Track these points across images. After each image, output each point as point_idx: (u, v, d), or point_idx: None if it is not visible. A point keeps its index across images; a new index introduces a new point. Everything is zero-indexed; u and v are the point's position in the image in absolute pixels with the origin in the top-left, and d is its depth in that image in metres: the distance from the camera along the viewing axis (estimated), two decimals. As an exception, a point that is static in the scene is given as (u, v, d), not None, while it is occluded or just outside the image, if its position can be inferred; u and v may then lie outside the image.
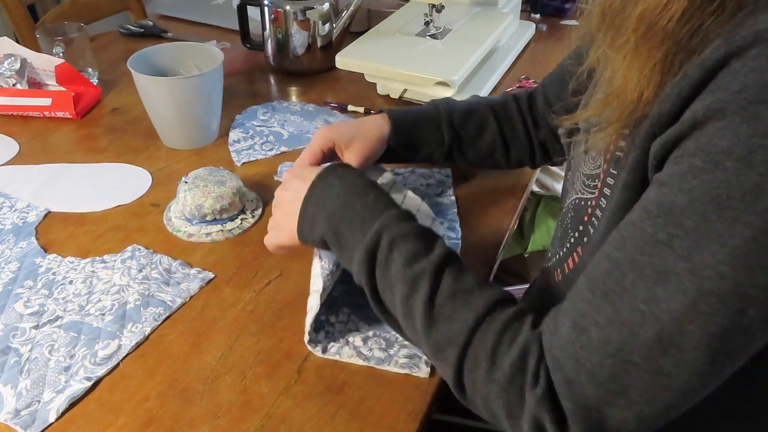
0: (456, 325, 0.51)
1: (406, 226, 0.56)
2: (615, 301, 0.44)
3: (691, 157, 0.41)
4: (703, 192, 0.40)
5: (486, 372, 0.49)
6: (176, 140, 1.00)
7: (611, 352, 0.43)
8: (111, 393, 0.63)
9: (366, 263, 0.57)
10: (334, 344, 0.67)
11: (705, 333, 0.40)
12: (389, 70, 1.08)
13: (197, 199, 0.81)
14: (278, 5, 1.17)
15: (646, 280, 0.42)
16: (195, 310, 0.72)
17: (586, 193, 0.58)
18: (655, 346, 0.42)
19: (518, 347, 0.48)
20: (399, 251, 0.55)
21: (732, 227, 0.39)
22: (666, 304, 0.41)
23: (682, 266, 0.41)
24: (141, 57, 0.97)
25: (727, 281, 0.39)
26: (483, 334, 0.50)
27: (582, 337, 0.45)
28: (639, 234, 0.44)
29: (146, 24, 1.41)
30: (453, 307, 0.52)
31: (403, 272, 0.54)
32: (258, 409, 0.61)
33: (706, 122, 0.41)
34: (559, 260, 0.62)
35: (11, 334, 0.68)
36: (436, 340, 0.52)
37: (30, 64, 1.09)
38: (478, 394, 0.50)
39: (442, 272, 0.54)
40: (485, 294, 0.52)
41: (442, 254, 0.55)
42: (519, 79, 1.22)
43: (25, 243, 0.80)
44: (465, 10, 1.26)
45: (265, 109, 1.12)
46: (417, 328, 0.54)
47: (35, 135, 1.04)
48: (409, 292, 0.54)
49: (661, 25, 0.44)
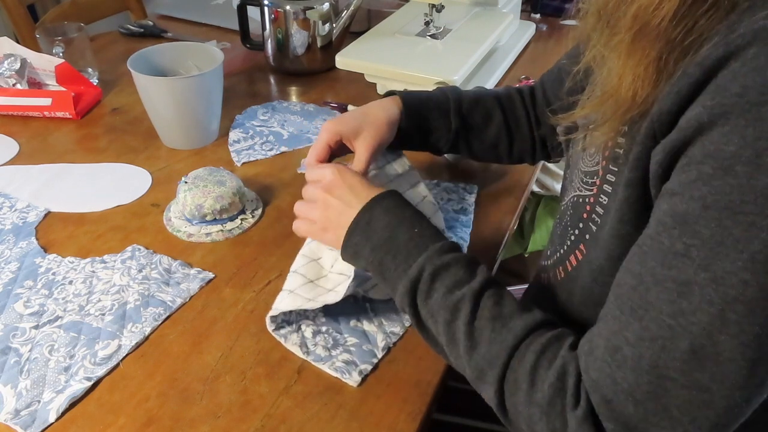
0: (495, 347, 0.52)
1: (448, 257, 0.57)
2: (642, 317, 0.43)
3: (699, 165, 0.41)
4: (715, 199, 0.40)
5: (526, 394, 0.49)
6: (176, 140, 1.00)
7: (646, 369, 0.43)
8: (111, 393, 0.63)
9: (409, 294, 0.58)
10: (287, 327, 0.68)
11: (738, 342, 0.40)
12: (389, 70, 1.08)
13: (197, 199, 0.81)
14: (278, 5, 1.17)
15: (669, 293, 0.42)
16: (195, 310, 0.72)
17: (584, 190, 0.58)
18: (690, 360, 0.41)
19: (556, 368, 0.48)
20: (441, 281, 0.56)
21: (749, 232, 0.39)
22: (693, 317, 0.41)
23: (703, 276, 0.40)
24: (141, 57, 0.97)
25: (751, 287, 0.39)
26: (522, 356, 0.50)
27: (616, 356, 0.44)
28: (657, 247, 0.43)
29: (146, 24, 1.41)
30: (493, 329, 0.52)
31: (444, 300, 0.55)
32: (258, 409, 0.61)
33: (711, 127, 0.40)
34: (560, 258, 0.62)
35: (11, 334, 0.68)
36: (477, 363, 0.53)
37: (30, 64, 1.09)
38: (521, 417, 0.50)
39: (482, 296, 0.54)
40: (525, 317, 0.53)
41: (482, 281, 0.55)
42: (519, 79, 1.22)
43: (25, 243, 0.80)
44: (465, 10, 1.26)
45: (265, 109, 1.12)
46: (460, 352, 0.54)
47: (35, 135, 1.04)
48: (451, 318, 0.54)
49: (654, 24, 0.44)
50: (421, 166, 0.98)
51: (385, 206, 0.63)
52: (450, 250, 0.58)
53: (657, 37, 0.44)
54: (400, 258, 0.59)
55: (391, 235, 0.60)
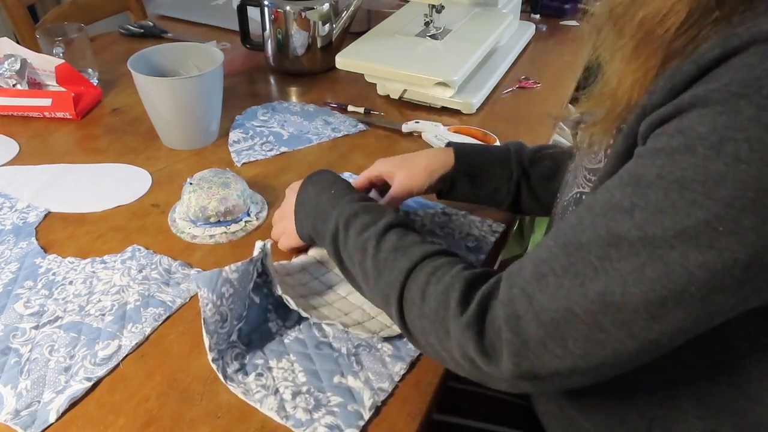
0: (395, 272, 0.58)
1: (356, 206, 0.65)
2: (572, 253, 0.47)
3: (669, 137, 0.43)
4: (670, 170, 0.43)
5: (418, 308, 0.55)
6: (176, 141, 1.00)
7: (559, 299, 0.46)
8: (111, 393, 0.63)
9: (332, 246, 0.65)
10: (262, 391, 0.62)
11: (646, 298, 0.43)
12: (389, 71, 1.08)
13: (201, 201, 0.81)
14: (278, 5, 1.17)
15: (600, 240, 0.45)
16: (195, 311, 0.72)
17: (586, 187, 0.59)
18: (598, 301, 0.45)
19: (443, 284, 0.54)
20: (353, 227, 0.63)
21: (689, 208, 0.41)
22: (618, 263, 0.44)
23: (636, 234, 0.43)
24: (141, 57, 0.97)
25: (675, 252, 0.42)
26: (416, 277, 0.56)
27: (541, 282, 0.48)
28: (608, 198, 0.46)
29: (146, 24, 1.41)
30: (394, 258, 0.59)
31: (355, 242, 0.62)
32: (258, 409, 0.61)
33: (691, 108, 0.43)
34: None
35: (11, 335, 0.68)
36: (382, 289, 0.59)
37: (30, 64, 1.09)
38: (416, 330, 0.56)
39: (386, 234, 0.61)
40: (424, 246, 0.59)
41: (386, 222, 0.62)
42: (519, 80, 1.22)
43: (25, 243, 0.80)
44: (465, 10, 1.26)
45: (265, 109, 1.12)
46: (371, 285, 0.60)
47: (35, 135, 1.04)
48: (362, 258, 0.61)
49: (658, 33, 0.46)
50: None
51: (313, 180, 0.72)
52: (359, 200, 0.66)
53: (660, 46, 0.46)
54: (322, 218, 0.67)
55: (316, 202, 0.69)
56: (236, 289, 0.63)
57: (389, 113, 1.11)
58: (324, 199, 0.68)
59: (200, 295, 0.62)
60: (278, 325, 0.69)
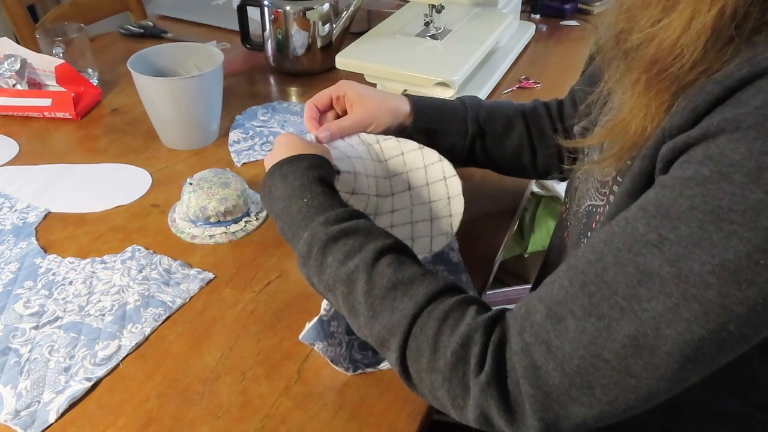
0: (396, 315, 0.51)
1: (334, 229, 0.56)
2: (594, 294, 0.43)
3: (698, 165, 0.41)
4: (704, 200, 0.40)
5: (429, 361, 0.49)
6: (176, 141, 1.00)
7: (584, 344, 0.43)
8: (111, 394, 0.63)
9: (303, 267, 0.58)
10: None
11: (681, 339, 0.40)
12: (389, 71, 1.08)
13: (201, 201, 0.81)
14: (278, 6, 1.17)
15: (629, 278, 0.42)
16: (195, 311, 0.72)
17: (597, 199, 0.58)
18: (630, 345, 0.42)
19: (460, 335, 0.48)
20: (333, 254, 0.55)
21: (728, 240, 0.39)
22: (648, 304, 0.41)
23: (668, 270, 0.40)
24: (141, 57, 0.97)
25: (712, 291, 0.39)
26: (424, 323, 0.50)
27: (558, 326, 0.44)
28: (630, 231, 0.43)
29: (146, 24, 1.41)
30: (394, 297, 0.51)
31: (338, 273, 0.54)
32: (258, 409, 0.61)
33: (719, 133, 0.40)
34: None
35: (11, 335, 0.68)
36: (379, 333, 0.52)
37: (30, 64, 1.09)
38: (423, 383, 0.50)
39: (376, 265, 0.53)
40: (426, 283, 0.52)
41: (375, 248, 0.54)
42: (519, 80, 1.22)
43: (25, 243, 0.80)
44: (465, 10, 1.26)
45: (265, 109, 1.12)
46: (361, 324, 0.53)
47: (35, 135, 1.04)
48: (347, 291, 0.54)
49: (672, 71, 0.44)
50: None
51: (283, 173, 0.62)
52: (337, 220, 0.57)
53: (674, 81, 0.44)
54: (293, 230, 0.59)
55: (285, 205, 0.60)
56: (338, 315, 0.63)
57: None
58: (295, 209, 0.59)
59: (317, 348, 0.62)
60: None
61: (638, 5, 0.47)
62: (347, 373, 0.64)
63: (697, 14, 0.41)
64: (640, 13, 0.47)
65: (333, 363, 0.64)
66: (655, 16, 0.45)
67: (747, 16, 0.40)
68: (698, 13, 0.41)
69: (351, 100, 0.75)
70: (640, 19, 0.47)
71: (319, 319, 0.62)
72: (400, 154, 0.73)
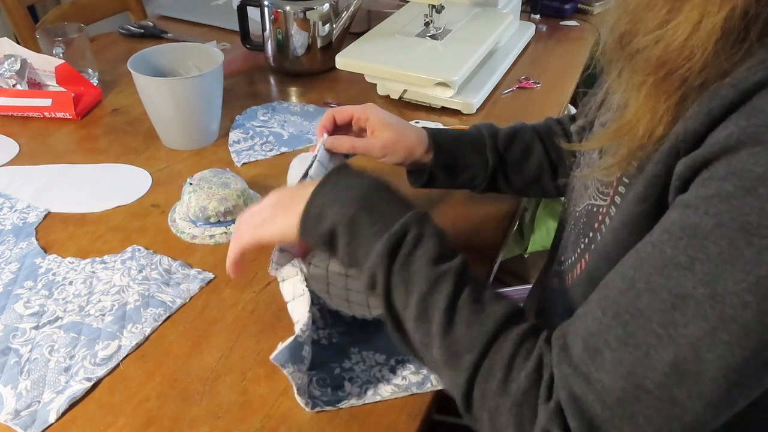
0: (475, 331, 0.49)
1: (433, 227, 0.54)
2: (628, 323, 0.42)
3: (721, 181, 0.40)
4: (732, 217, 0.39)
5: (500, 382, 0.47)
6: (176, 141, 1.00)
7: (623, 375, 0.42)
8: (111, 393, 0.63)
9: (386, 256, 0.53)
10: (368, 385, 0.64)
11: (724, 363, 0.39)
12: (389, 71, 1.08)
13: (201, 201, 0.81)
14: (278, 6, 1.17)
15: (662, 303, 0.41)
16: (195, 311, 0.72)
17: (599, 199, 0.57)
18: (671, 373, 0.40)
19: (535, 359, 0.47)
20: (425, 248, 0.52)
21: (761, 255, 0.38)
22: (685, 329, 0.40)
23: (702, 291, 0.39)
24: (141, 58, 0.97)
25: (750, 310, 0.38)
26: (501, 345, 0.49)
27: (596, 358, 0.43)
28: (658, 255, 0.42)
29: (146, 25, 1.41)
30: (474, 312, 0.50)
31: (427, 269, 0.51)
32: (258, 409, 0.61)
33: (740, 147, 0.39)
34: (570, 265, 0.61)
35: (11, 335, 0.68)
36: (452, 345, 0.50)
37: (30, 64, 1.09)
38: (485, 407, 0.49)
39: (464, 276, 0.52)
40: (503, 305, 0.51)
41: (464, 260, 0.53)
42: (519, 80, 1.22)
43: (25, 243, 0.80)
44: (465, 10, 1.26)
45: (265, 109, 1.12)
46: (432, 329, 0.51)
47: (35, 136, 1.04)
48: (430, 290, 0.51)
49: (681, 73, 0.43)
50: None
51: (354, 173, 0.59)
52: (432, 219, 0.55)
53: (683, 83, 0.43)
54: (377, 215, 0.54)
55: (366, 192, 0.56)
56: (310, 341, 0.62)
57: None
58: (383, 198, 0.56)
59: (287, 372, 0.58)
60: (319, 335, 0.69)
61: (642, 6, 0.47)
62: (306, 408, 0.61)
63: (707, 15, 0.41)
64: (645, 15, 0.46)
65: (298, 393, 0.61)
66: (660, 17, 0.44)
67: (758, 17, 0.40)
68: (707, 14, 0.41)
69: (373, 126, 0.74)
70: (646, 20, 0.46)
71: (295, 339, 0.58)
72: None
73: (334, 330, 0.69)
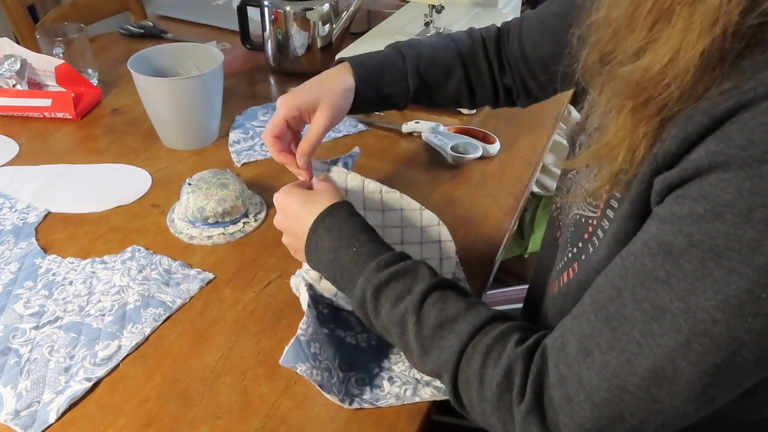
0: (445, 353, 0.55)
1: (385, 273, 0.59)
2: (616, 328, 0.46)
3: (692, 202, 0.42)
4: (702, 239, 0.41)
5: (477, 392, 0.53)
6: (176, 141, 1.00)
7: (608, 377, 0.45)
8: (111, 394, 0.63)
9: (361, 311, 0.61)
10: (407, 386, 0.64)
11: (697, 369, 0.42)
12: (389, 71, 1.08)
13: (199, 202, 0.81)
14: (278, 6, 1.17)
15: (644, 314, 0.44)
16: (195, 311, 0.72)
17: (587, 210, 0.58)
18: (649, 377, 0.44)
19: (502, 367, 0.51)
20: (385, 297, 0.59)
21: (728, 276, 0.40)
22: (661, 339, 0.43)
23: (678, 305, 0.42)
24: (141, 58, 0.97)
25: (719, 326, 0.41)
26: (470, 358, 0.53)
27: (588, 359, 0.47)
28: (639, 267, 0.45)
29: (146, 25, 1.41)
30: (441, 336, 0.55)
31: (390, 315, 0.58)
32: (258, 409, 0.61)
33: (710, 171, 0.41)
34: (558, 272, 0.62)
35: (11, 335, 0.68)
36: (431, 368, 0.56)
37: (30, 64, 1.09)
38: (475, 411, 0.54)
39: (423, 305, 0.57)
40: (469, 319, 0.55)
41: (421, 290, 0.57)
42: (519, 80, 1.22)
43: (25, 244, 0.80)
44: (465, 10, 1.26)
45: (265, 109, 1.12)
46: (415, 360, 0.58)
47: (35, 136, 1.04)
48: (401, 331, 0.58)
49: (659, 100, 0.44)
50: (425, 173, 0.99)
51: (327, 226, 0.64)
52: (387, 264, 0.60)
53: (661, 109, 0.45)
54: (345, 278, 0.62)
55: (334, 257, 0.63)
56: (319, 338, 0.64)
57: (389, 113, 1.11)
58: (345, 258, 0.62)
59: (300, 371, 0.60)
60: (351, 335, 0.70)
61: (624, 26, 0.47)
62: (343, 405, 0.62)
63: (684, 49, 0.42)
64: (625, 38, 0.47)
65: (323, 390, 0.61)
66: (639, 42, 0.45)
67: (733, 50, 0.41)
68: (684, 48, 0.42)
69: (307, 110, 0.73)
70: (625, 44, 0.47)
71: (296, 338, 0.60)
72: (399, 209, 0.73)
73: (373, 333, 0.69)
